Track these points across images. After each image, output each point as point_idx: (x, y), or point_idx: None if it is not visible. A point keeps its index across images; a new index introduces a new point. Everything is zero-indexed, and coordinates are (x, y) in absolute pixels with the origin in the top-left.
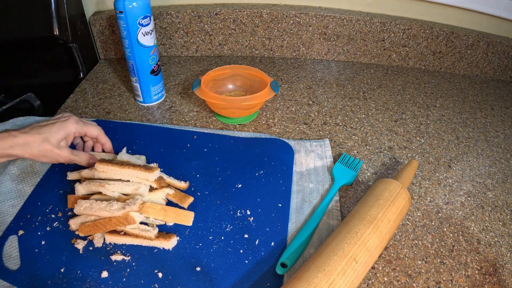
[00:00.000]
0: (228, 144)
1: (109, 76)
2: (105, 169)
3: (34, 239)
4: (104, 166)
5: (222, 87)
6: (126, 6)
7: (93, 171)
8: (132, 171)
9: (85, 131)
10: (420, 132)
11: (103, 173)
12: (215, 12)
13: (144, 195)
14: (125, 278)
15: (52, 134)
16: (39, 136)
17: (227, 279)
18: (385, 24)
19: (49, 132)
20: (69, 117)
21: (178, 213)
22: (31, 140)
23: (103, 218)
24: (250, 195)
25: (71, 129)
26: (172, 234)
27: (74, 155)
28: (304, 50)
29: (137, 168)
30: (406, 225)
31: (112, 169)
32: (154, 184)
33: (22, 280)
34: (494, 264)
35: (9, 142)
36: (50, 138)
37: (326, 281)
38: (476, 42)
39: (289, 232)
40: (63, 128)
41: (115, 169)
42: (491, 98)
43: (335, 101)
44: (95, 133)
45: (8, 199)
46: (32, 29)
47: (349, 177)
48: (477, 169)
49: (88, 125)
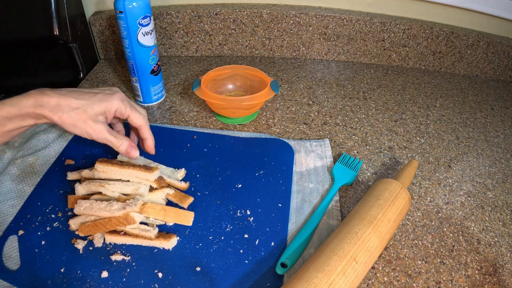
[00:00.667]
0: (228, 144)
1: (109, 76)
2: (105, 169)
3: (34, 239)
4: (104, 166)
5: (222, 87)
6: (126, 6)
7: (93, 171)
8: (132, 171)
9: (128, 114)
10: (420, 132)
11: (103, 173)
12: (215, 12)
13: (144, 195)
14: (125, 278)
15: (90, 103)
16: (76, 101)
17: (227, 279)
18: (385, 24)
19: (88, 100)
20: (115, 92)
21: (178, 213)
22: (65, 103)
23: (103, 218)
24: (250, 195)
25: (113, 105)
26: (172, 234)
27: (112, 136)
28: (304, 50)
29: (137, 168)
30: (406, 225)
31: (112, 169)
32: (154, 184)
33: (22, 280)
34: (494, 264)
35: (39, 100)
36: (87, 107)
37: (326, 281)
38: (476, 42)
39: (289, 232)
40: (105, 101)
41: (115, 169)
42: (491, 98)
43: (335, 101)
44: (138, 122)
45: (8, 199)
46: (32, 29)
47: (349, 177)
48: (477, 169)
49: (133, 110)
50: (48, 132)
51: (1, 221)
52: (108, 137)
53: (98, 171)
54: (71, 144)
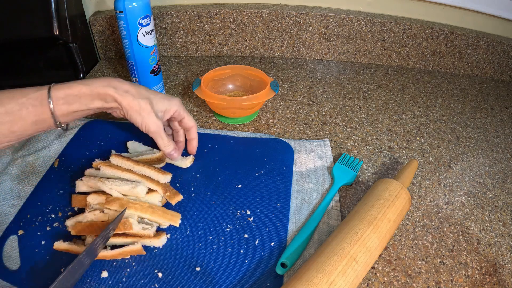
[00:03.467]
0: (228, 144)
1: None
2: (119, 163)
3: (34, 239)
4: (120, 159)
5: (222, 87)
6: (126, 6)
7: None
8: (145, 170)
9: (183, 116)
10: (420, 132)
11: (109, 170)
12: (215, 12)
13: (140, 196)
14: (125, 278)
15: (157, 98)
16: (145, 92)
17: (227, 279)
18: (385, 24)
19: (154, 95)
20: (174, 97)
21: (166, 212)
22: (136, 91)
23: (100, 221)
24: (250, 195)
25: (173, 106)
26: (162, 232)
27: (164, 134)
28: (304, 50)
29: (152, 168)
30: (406, 225)
31: (127, 164)
32: (160, 188)
33: (22, 280)
34: (494, 264)
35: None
36: (154, 100)
37: (326, 281)
38: (476, 42)
39: (289, 232)
40: (167, 100)
41: (129, 164)
42: (491, 98)
43: (335, 101)
44: (190, 124)
45: (8, 199)
46: (32, 29)
47: (349, 177)
48: (477, 169)
49: (187, 113)
50: (48, 132)
51: (1, 221)
52: (163, 134)
53: (109, 165)
54: (70, 144)
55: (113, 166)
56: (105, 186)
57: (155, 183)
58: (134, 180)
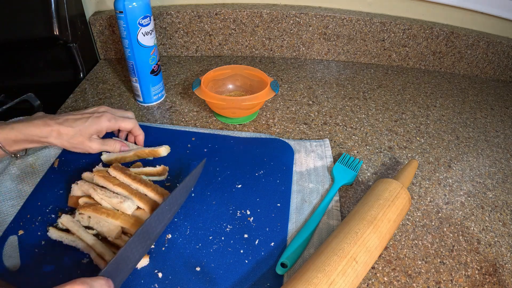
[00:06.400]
0: (228, 144)
1: (109, 76)
2: (117, 176)
3: (34, 239)
4: (117, 173)
5: (222, 87)
6: (126, 6)
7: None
8: (142, 188)
9: (118, 126)
10: (420, 132)
11: (102, 181)
12: (215, 12)
13: (127, 212)
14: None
15: (84, 128)
16: (72, 129)
17: (227, 279)
18: (385, 24)
19: (81, 126)
20: (103, 114)
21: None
22: (64, 132)
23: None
24: (250, 195)
25: (102, 126)
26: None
27: (106, 145)
28: (304, 50)
29: (149, 187)
30: (406, 225)
31: (124, 179)
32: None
33: (22, 280)
34: (494, 264)
35: (45, 131)
36: (82, 132)
37: (326, 281)
38: (476, 42)
39: (289, 232)
40: (95, 124)
41: (126, 180)
42: (491, 98)
43: (335, 101)
44: (129, 127)
45: (8, 199)
46: (32, 29)
47: (349, 177)
48: (477, 169)
49: (121, 120)
50: None
51: (1, 221)
52: (103, 147)
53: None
54: None
55: (107, 177)
56: (96, 195)
57: (144, 202)
58: (125, 195)
